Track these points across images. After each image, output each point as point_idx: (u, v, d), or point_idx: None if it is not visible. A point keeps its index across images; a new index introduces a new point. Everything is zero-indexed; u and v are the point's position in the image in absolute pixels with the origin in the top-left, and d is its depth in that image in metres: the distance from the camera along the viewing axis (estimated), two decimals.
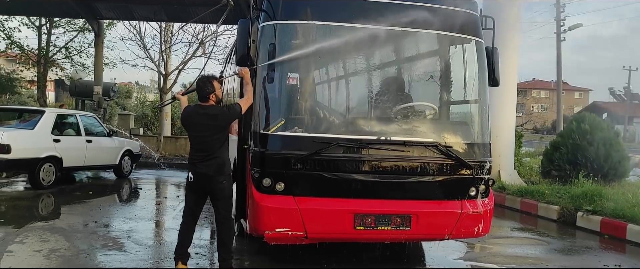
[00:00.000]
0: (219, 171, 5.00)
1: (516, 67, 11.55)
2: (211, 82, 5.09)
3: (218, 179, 5.00)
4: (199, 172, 5.03)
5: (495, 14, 6.24)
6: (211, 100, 5.06)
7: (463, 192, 5.27)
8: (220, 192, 5.06)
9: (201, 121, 5.02)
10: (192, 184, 5.12)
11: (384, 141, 5.01)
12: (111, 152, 12.32)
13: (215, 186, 5.02)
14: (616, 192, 8.93)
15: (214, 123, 4.99)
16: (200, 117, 5.05)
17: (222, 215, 5.13)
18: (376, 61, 5.85)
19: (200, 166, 5.01)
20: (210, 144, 4.98)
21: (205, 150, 4.99)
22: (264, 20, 5.16)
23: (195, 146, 5.10)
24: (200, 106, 5.11)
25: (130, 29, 18.49)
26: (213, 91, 5.05)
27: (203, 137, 5.00)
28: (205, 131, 4.99)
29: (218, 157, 4.99)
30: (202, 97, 5.07)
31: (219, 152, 5.00)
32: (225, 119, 5.05)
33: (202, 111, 5.06)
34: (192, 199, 5.20)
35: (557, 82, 31.40)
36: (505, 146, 11.25)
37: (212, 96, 5.05)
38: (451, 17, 5.40)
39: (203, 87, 5.07)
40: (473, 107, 5.69)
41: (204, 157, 4.99)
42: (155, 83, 24.26)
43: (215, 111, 5.04)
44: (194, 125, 5.09)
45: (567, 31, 31.26)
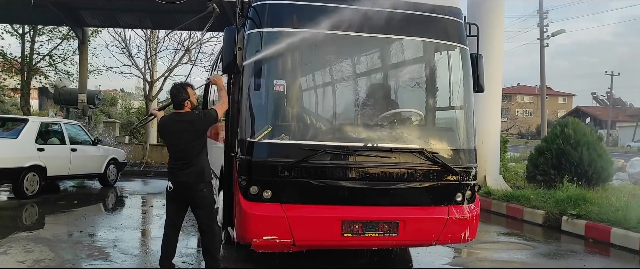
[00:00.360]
0: (198, 178, 4.98)
1: (501, 73, 11.67)
2: (185, 89, 5.09)
3: (198, 187, 4.99)
4: (178, 180, 5.01)
5: (479, 21, 6.32)
6: (186, 107, 5.06)
7: (449, 198, 5.30)
8: (201, 200, 5.03)
9: (178, 129, 5.01)
10: (172, 193, 5.09)
11: (370, 148, 5.03)
12: (96, 160, 12.20)
13: (195, 195, 5.00)
14: (600, 197, 9.03)
15: (191, 129, 4.98)
16: (176, 124, 5.04)
17: (204, 224, 5.10)
18: (362, 68, 5.88)
19: (179, 174, 4.99)
20: (189, 151, 4.97)
21: (183, 158, 4.98)
22: (250, 27, 5.16)
23: (174, 154, 5.08)
24: (176, 113, 5.11)
25: (115, 36, 18.37)
26: (187, 98, 5.05)
27: (181, 145, 4.99)
28: (183, 138, 4.98)
29: (197, 165, 4.98)
30: (177, 104, 5.07)
31: (197, 160, 4.99)
32: (201, 124, 5.05)
33: (178, 119, 5.06)
34: (173, 209, 5.17)
35: (541, 87, 31.77)
36: (490, 151, 11.34)
37: (186, 102, 5.05)
38: (436, 24, 5.46)
39: (177, 95, 5.07)
40: (458, 113, 5.73)
41: (183, 165, 4.97)
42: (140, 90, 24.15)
43: (191, 117, 5.04)
44: (171, 133, 5.07)
45: (550, 37, 31.68)
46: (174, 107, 5.12)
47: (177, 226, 5.23)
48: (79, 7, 15.72)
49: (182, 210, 5.21)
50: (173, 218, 5.19)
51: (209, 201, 5.11)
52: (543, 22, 31.99)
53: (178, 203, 5.14)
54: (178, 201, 5.13)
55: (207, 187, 5.08)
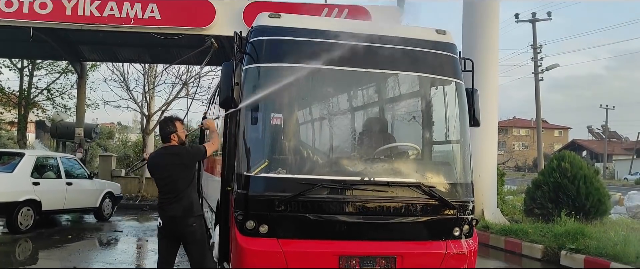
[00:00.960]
0: (187, 212, 4.92)
1: (496, 106, 11.75)
2: (172, 123, 5.11)
3: (187, 222, 4.92)
4: (167, 215, 4.96)
5: (474, 55, 6.41)
6: (173, 140, 5.06)
7: (447, 232, 5.27)
8: (191, 235, 4.97)
9: (164, 161, 5.00)
10: (162, 229, 5.04)
11: (367, 182, 5.01)
12: (92, 194, 12.13)
13: (185, 229, 4.94)
14: (598, 231, 8.99)
15: (178, 161, 4.96)
16: (162, 157, 5.05)
17: (195, 260, 5.03)
18: (359, 102, 5.92)
19: (168, 208, 4.95)
20: (176, 183, 4.93)
21: (171, 191, 4.94)
22: (247, 63, 5.21)
23: (162, 188, 5.04)
24: (163, 147, 5.14)
25: (113, 70, 18.51)
26: (174, 131, 5.05)
27: (168, 178, 4.95)
28: (170, 170, 4.95)
29: (185, 198, 4.93)
30: (164, 137, 5.09)
31: (185, 193, 4.95)
32: (188, 157, 5.05)
33: (165, 152, 5.08)
34: (164, 247, 5.08)
35: (537, 120, 31.97)
36: (487, 185, 11.32)
37: (173, 135, 5.05)
38: (431, 59, 5.52)
39: (164, 127, 5.11)
40: (455, 147, 5.75)
41: (171, 199, 4.93)
42: (137, 124, 24.12)
43: (178, 150, 5.05)
44: (158, 166, 5.05)
45: (544, 71, 32.03)
46: (162, 141, 5.14)
47: (170, 264, 5.13)
48: (78, 42, 15.89)
49: (173, 247, 5.12)
50: (165, 256, 5.10)
51: (200, 236, 5.03)
52: (537, 56, 32.39)
53: (169, 240, 5.06)
54: (169, 237, 5.04)
55: (197, 222, 5.02)
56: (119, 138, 32.43)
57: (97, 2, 12.08)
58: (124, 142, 29.26)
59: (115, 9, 12.05)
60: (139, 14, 12.08)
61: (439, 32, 5.66)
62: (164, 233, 5.05)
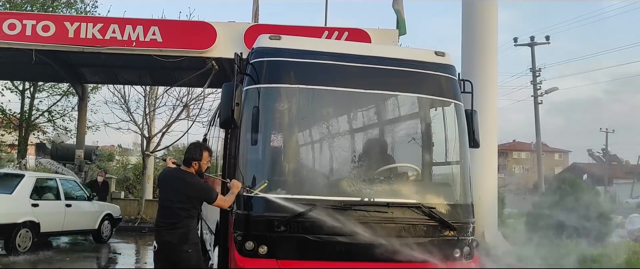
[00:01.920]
0: (183, 239, 4.87)
1: (496, 128, 11.75)
2: (201, 151, 5.06)
3: (182, 248, 4.87)
4: (163, 240, 4.92)
5: (473, 77, 6.45)
6: (193, 167, 5.01)
7: (447, 254, 5.23)
8: (185, 262, 4.90)
9: (175, 185, 4.96)
10: (157, 253, 5.00)
11: (367, 203, 5.00)
12: (91, 216, 12.07)
13: (180, 255, 4.89)
14: (600, 254, 8.92)
15: (186, 193, 4.91)
16: (176, 181, 4.99)
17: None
18: (359, 123, 5.93)
19: (164, 233, 4.91)
20: (178, 212, 4.88)
21: (171, 217, 4.90)
22: (248, 83, 5.25)
23: (163, 210, 5.00)
24: (180, 170, 5.07)
25: (114, 92, 18.58)
26: (198, 159, 5.00)
27: (172, 203, 4.90)
28: (176, 196, 4.91)
29: (182, 227, 4.89)
30: (186, 160, 5.03)
31: (184, 222, 4.90)
32: (197, 193, 4.95)
33: (180, 175, 5.01)
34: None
35: (537, 143, 31.98)
36: (488, 207, 11.25)
37: (195, 163, 5.00)
38: (431, 81, 5.56)
39: (191, 151, 5.05)
40: (455, 168, 5.75)
41: (169, 225, 4.89)
42: (138, 146, 24.13)
43: (193, 180, 4.96)
44: (167, 187, 5.04)
45: (544, 95, 32.15)
46: (183, 162, 5.09)
47: None
48: (80, 64, 15.98)
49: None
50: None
51: (195, 262, 4.97)
52: (536, 80, 32.53)
53: (164, 264, 5.01)
54: (164, 261, 5.00)
55: (193, 249, 4.96)
56: (119, 160, 32.39)
57: (100, 25, 12.20)
58: (124, 165, 29.23)
59: (117, 31, 12.16)
60: (141, 36, 12.18)
61: (438, 53, 5.71)
62: (159, 256, 5.01)
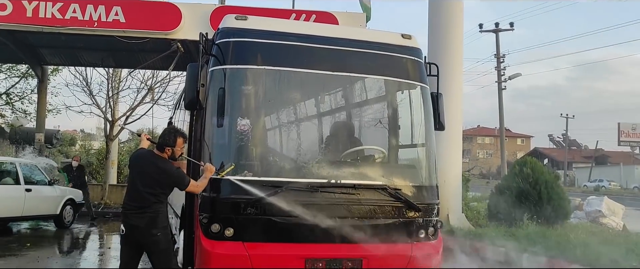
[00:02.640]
0: (151, 223, 4.81)
1: (461, 112, 11.92)
2: (175, 137, 4.97)
3: (151, 232, 4.81)
4: (131, 224, 4.84)
5: (439, 61, 6.51)
6: (166, 153, 4.93)
7: (412, 234, 5.31)
8: (154, 245, 4.86)
9: (148, 170, 4.87)
10: (124, 237, 4.92)
11: (334, 185, 5.02)
12: (52, 201, 11.78)
13: (148, 239, 4.83)
14: (559, 234, 9.19)
15: (157, 178, 4.84)
16: (149, 165, 4.90)
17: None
18: (326, 106, 5.93)
19: (132, 217, 4.84)
20: (147, 197, 4.81)
21: (140, 201, 4.83)
22: (213, 64, 5.17)
23: (131, 194, 4.92)
24: (153, 154, 4.98)
25: (75, 74, 18.08)
26: (171, 145, 4.92)
27: (143, 188, 4.82)
28: (146, 181, 4.83)
29: (151, 211, 4.83)
30: (159, 145, 4.95)
31: (153, 207, 4.84)
32: (168, 179, 4.88)
33: (152, 160, 4.92)
34: (127, 254, 4.98)
35: (500, 129, 32.63)
36: (452, 190, 11.45)
37: (168, 149, 4.92)
38: (397, 63, 5.59)
39: (165, 136, 4.97)
40: (420, 150, 5.81)
41: (137, 209, 4.82)
42: (101, 131, 23.65)
43: (165, 167, 4.89)
44: (140, 170, 4.94)
45: (507, 81, 32.77)
46: (157, 147, 4.99)
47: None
48: (39, 45, 15.44)
49: (136, 255, 5.01)
50: (126, 262, 4.99)
51: (164, 246, 4.92)
52: (500, 66, 33.11)
53: (132, 247, 4.95)
54: (132, 245, 4.94)
55: (162, 232, 4.90)
56: (82, 145, 31.67)
57: (59, 4, 11.77)
58: (86, 150, 28.60)
59: (78, 11, 11.76)
60: (103, 16, 11.82)
61: (405, 36, 5.73)
62: (126, 240, 4.93)
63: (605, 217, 12.20)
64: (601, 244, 8.25)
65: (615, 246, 7.97)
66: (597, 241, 8.56)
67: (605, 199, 12.90)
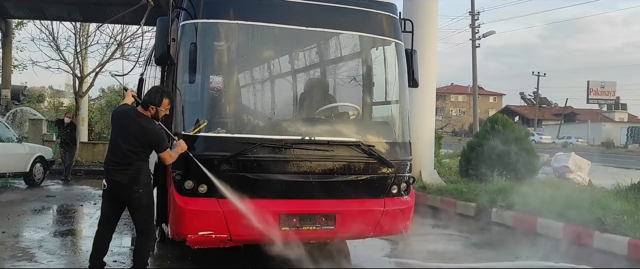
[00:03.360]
0: (134, 180, 4.77)
1: (435, 69, 11.97)
2: (162, 97, 4.81)
3: (133, 188, 4.78)
4: (113, 180, 4.80)
5: (413, 17, 6.46)
6: (150, 111, 4.81)
7: (385, 190, 5.38)
8: (136, 201, 4.84)
9: (130, 127, 4.77)
10: (106, 192, 4.89)
11: (308, 141, 5.02)
12: (21, 158, 11.58)
13: (130, 195, 4.81)
14: (527, 189, 9.44)
15: (138, 137, 4.74)
16: (131, 122, 4.79)
17: (141, 224, 4.92)
18: (300, 62, 5.87)
19: (115, 173, 4.79)
20: (129, 155, 4.74)
21: (121, 158, 4.76)
22: (184, 18, 5.04)
23: (113, 150, 4.85)
24: (136, 111, 4.86)
25: (41, 29, 17.49)
26: (156, 105, 4.79)
27: (126, 146, 4.74)
28: (128, 139, 4.75)
29: (133, 168, 4.77)
30: (144, 103, 4.83)
31: (135, 164, 4.78)
32: (149, 139, 4.77)
33: (137, 118, 4.80)
34: (108, 208, 4.96)
35: (473, 87, 32.96)
36: (425, 147, 11.62)
37: (152, 107, 4.79)
38: (372, 19, 5.53)
39: (152, 94, 4.83)
40: (394, 107, 5.84)
41: (119, 165, 4.77)
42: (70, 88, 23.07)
43: (149, 126, 4.77)
44: (121, 127, 4.84)
45: (481, 38, 32.88)
46: (141, 104, 4.87)
47: (111, 224, 5.03)
48: None
49: (117, 210, 5.01)
50: (107, 216, 4.99)
51: (146, 202, 4.90)
52: (475, 23, 33.15)
53: (113, 202, 4.93)
54: (113, 200, 4.92)
55: (144, 189, 4.86)
56: (50, 102, 30.95)
57: None
58: (55, 106, 27.98)
59: None
60: None
61: None
62: (108, 195, 4.91)
63: (572, 172, 12.53)
64: (566, 198, 8.52)
65: (580, 200, 8.23)
66: (562, 195, 8.84)
67: (572, 155, 13.22)
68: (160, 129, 4.89)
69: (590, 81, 65.58)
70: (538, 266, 6.25)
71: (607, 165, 21.11)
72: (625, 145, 51.00)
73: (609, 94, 66.46)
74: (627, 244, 6.61)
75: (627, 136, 54.76)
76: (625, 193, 8.58)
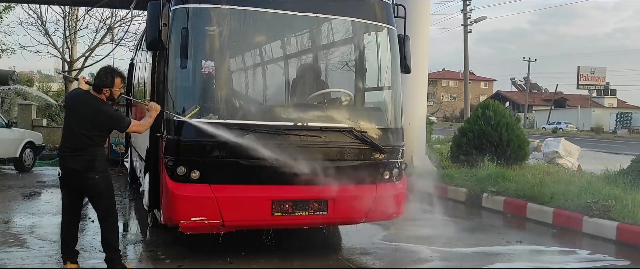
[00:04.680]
0: (88, 166, 4.65)
1: (427, 55, 11.95)
2: (112, 76, 4.73)
3: (88, 175, 4.66)
4: (67, 166, 4.70)
5: (406, 2, 6.44)
6: (104, 94, 4.71)
7: (377, 175, 5.40)
8: (92, 188, 4.73)
9: (84, 111, 4.66)
10: (62, 179, 4.81)
11: (300, 127, 5.02)
12: (10, 144, 11.48)
13: (85, 182, 4.69)
14: (517, 174, 9.53)
15: (94, 120, 4.63)
16: (84, 106, 4.68)
17: (101, 211, 4.84)
18: (292, 48, 5.85)
19: (68, 160, 4.68)
20: (84, 139, 4.63)
21: (76, 144, 4.65)
22: (175, 3, 4.99)
23: (68, 136, 4.72)
24: (89, 94, 4.74)
25: (30, 13, 17.26)
26: (109, 86, 4.70)
27: (79, 129, 4.63)
28: (82, 123, 4.63)
29: (88, 154, 4.65)
30: (96, 86, 4.72)
31: (89, 150, 4.66)
32: (105, 121, 4.69)
33: (88, 101, 4.69)
34: (67, 197, 4.88)
35: (465, 72, 33.02)
36: (417, 133, 11.64)
37: (106, 90, 4.70)
38: (364, 4, 5.51)
39: (102, 77, 4.72)
40: (386, 93, 5.84)
41: (73, 151, 4.66)
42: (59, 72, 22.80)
43: (102, 108, 4.68)
44: (75, 111, 4.74)
45: (473, 24, 32.88)
46: (93, 88, 4.78)
47: (74, 214, 4.93)
48: None
49: (76, 199, 4.89)
50: (68, 205, 4.90)
51: (104, 188, 4.78)
52: (466, 9, 33.11)
53: (71, 191, 4.84)
54: (70, 188, 4.82)
55: (100, 175, 4.73)
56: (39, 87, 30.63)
57: None
58: (45, 91, 27.70)
59: None
60: None
61: None
62: (64, 183, 4.83)
63: (562, 158, 12.65)
64: (556, 183, 8.61)
65: (569, 185, 8.32)
66: (552, 180, 8.92)
67: (562, 141, 13.32)
68: (116, 110, 4.83)
69: (580, 66, 65.88)
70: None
71: (597, 150, 21.32)
72: (614, 131, 51.44)
73: (599, 79, 66.86)
74: (615, 228, 6.70)
75: (616, 121, 55.21)
76: (614, 178, 8.67)
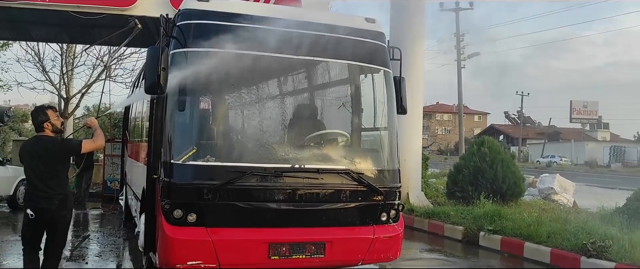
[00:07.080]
0: (61, 205, 4.92)
1: (422, 93, 12.11)
2: (44, 111, 5.01)
3: (61, 214, 4.94)
4: (39, 207, 4.84)
5: (402, 44, 6.55)
6: (46, 129, 4.97)
7: (375, 218, 5.39)
8: (63, 225, 5.03)
9: (36, 151, 4.90)
10: (33, 221, 4.89)
11: (297, 169, 5.03)
12: (5, 181, 11.39)
13: (59, 220, 4.95)
14: (514, 212, 9.51)
15: (50, 155, 4.88)
16: (33, 147, 4.95)
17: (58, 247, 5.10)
18: (289, 90, 5.91)
19: (41, 201, 4.85)
20: (48, 177, 4.86)
21: (44, 184, 4.85)
22: (174, 47, 5.05)
23: (34, 180, 4.92)
24: (37, 136, 5.02)
25: (27, 50, 17.37)
26: (46, 120, 4.97)
27: (40, 170, 4.87)
28: (41, 162, 4.86)
29: (60, 193, 4.91)
30: (37, 126, 5.01)
31: (59, 188, 4.91)
32: (61, 150, 5.00)
33: (35, 142, 4.98)
34: (33, 236, 5.01)
35: (459, 106, 33.27)
36: (412, 169, 11.66)
37: (46, 124, 4.97)
38: (361, 48, 5.58)
39: (36, 117, 5.03)
40: (383, 134, 5.87)
41: (45, 192, 4.84)
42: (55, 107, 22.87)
43: (50, 141, 4.96)
44: (30, 156, 4.94)
45: (466, 59, 33.30)
46: (36, 130, 5.04)
47: (36, 248, 5.08)
48: None
49: (41, 234, 5.06)
50: (31, 243, 5.04)
51: (68, 225, 5.16)
52: (460, 45, 33.59)
53: (39, 230, 4.99)
54: (39, 228, 4.97)
55: (69, 213, 5.11)
56: None
57: None
58: None
59: None
60: None
61: (368, 20, 5.72)
62: (35, 223, 4.92)
63: (557, 194, 12.68)
64: (552, 221, 8.59)
65: (565, 223, 8.31)
66: (549, 218, 8.91)
67: (557, 177, 13.38)
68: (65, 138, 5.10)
69: (573, 100, 66.49)
70: None
71: (591, 185, 21.35)
72: (608, 164, 51.62)
73: (592, 113, 67.43)
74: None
75: (609, 155, 55.46)
76: (610, 217, 8.66)
